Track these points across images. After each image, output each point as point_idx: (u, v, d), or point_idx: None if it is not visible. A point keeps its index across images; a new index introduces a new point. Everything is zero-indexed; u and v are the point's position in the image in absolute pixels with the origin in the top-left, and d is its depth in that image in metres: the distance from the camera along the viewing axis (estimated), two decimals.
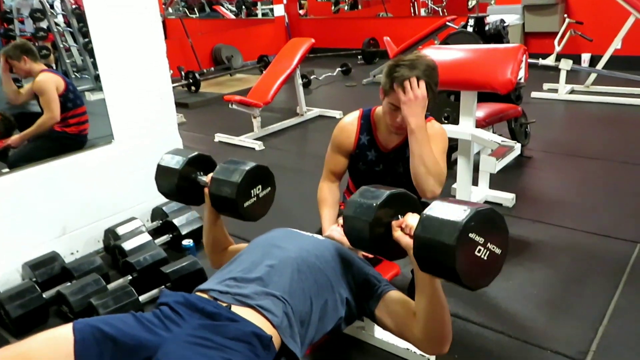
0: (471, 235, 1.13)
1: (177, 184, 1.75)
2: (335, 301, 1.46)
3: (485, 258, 1.16)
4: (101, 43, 2.65)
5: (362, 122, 1.95)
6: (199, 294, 1.41)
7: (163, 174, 1.81)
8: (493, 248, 1.17)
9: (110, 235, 2.72)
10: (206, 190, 1.72)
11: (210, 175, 1.71)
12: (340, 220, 1.78)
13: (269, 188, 1.73)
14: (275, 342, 1.28)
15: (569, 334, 1.96)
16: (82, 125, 2.99)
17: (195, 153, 1.81)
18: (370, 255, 1.73)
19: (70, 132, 2.93)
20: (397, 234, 1.33)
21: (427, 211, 1.20)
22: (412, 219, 1.32)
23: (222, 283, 1.42)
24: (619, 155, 3.67)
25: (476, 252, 1.15)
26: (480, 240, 1.15)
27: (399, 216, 1.36)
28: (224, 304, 1.33)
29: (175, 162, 1.78)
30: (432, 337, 1.38)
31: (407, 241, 1.30)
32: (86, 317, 2.02)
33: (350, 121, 1.98)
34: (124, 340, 1.21)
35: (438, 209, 1.19)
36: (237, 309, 1.32)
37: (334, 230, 1.78)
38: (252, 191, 1.66)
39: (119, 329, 1.22)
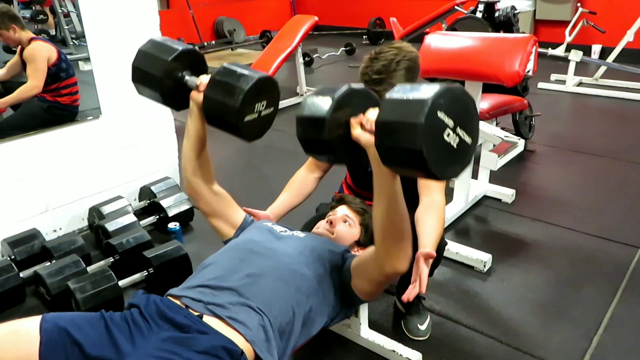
0: (440, 114, 1.00)
1: (162, 78, 1.42)
2: (320, 305, 1.38)
3: (455, 145, 1.04)
4: (89, 9, 2.53)
5: None
6: (170, 298, 1.33)
7: (144, 63, 1.46)
8: (463, 135, 1.05)
9: (95, 213, 2.63)
10: (194, 94, 1.44)
11: (204, 78, 1.43)
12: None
13: (272, 108, 1.45)
14: (249, 355, 1.20)
15: (562, 342, 1.88)
16: (74, 96, 2.90)
17: (189, 47, 1.48)
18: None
19: (62, 102, 2.84)
20: (357, 131, 1.18)
21: (389, 94, 1.06)
22: (373, 114, 1.15)
23: (195, 289, 1.33)
24: (625, 154, 3.56)
25: (445, 136, 1.02)
26: (450, 122, 1.02)
27: (360, 114, 1.20)
28: (196, 313, 1.25)
29: (163, 51, 1.45)
30: (388, 248, 1.28)
31: (367, 138, 1.15)
32: (64, 301, 2.02)
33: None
34: (89, 350, 1.16)
35: (401, 91, 1.05)
36: (208, 320, 1.24)
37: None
38: (256, 105, 1.37)
39: (87, 337, 1.17)
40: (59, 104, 2.82)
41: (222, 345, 1.16)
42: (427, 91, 1.01)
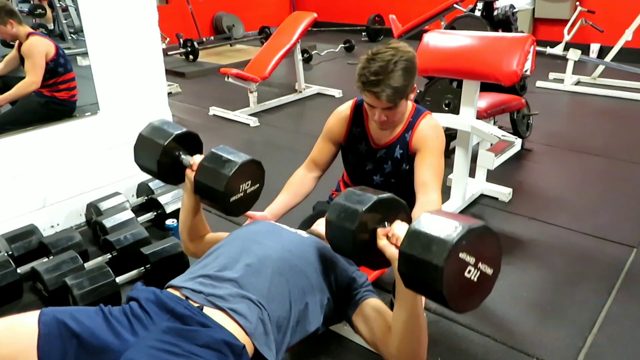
0: (462, 255, 1.03)
1: (159, 160, 1.60)
2: (315, 305, 1.39)
3: (475, 280, 1.07)
4: (88, 4, 2.52)
5: (354, 112, 1.84)
6: (170, 290, 1.33)
7: (144, 146, 1.64)
8: (484, 268, 1.08)
9: (93, 209, 2.63)
10: (189, 172, 1.60)
11: (197, 158, 1.60)
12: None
13: (258, 185, 1.61)
14: (248, 348, 1.21)
15: (557, 341, 1.90)
16: (72, 91, 2.90)
17: (184, 130, 1.66)
18: None
19: (60, 97, 2.84)
20: (383, 243, 1.24)
21: (415, 225, 1.11)
22: (399, 229, 1.22)
23: (195, 280, 1.34)
24: (622, 153, 3.57)
25: (466, 273, 1.05)
26: (471, 260, 1.05)
27: (386, 223, 1.27)
28: (196, 305, 1.25)
29: (160, 135, 1.61)
30: (404, 353, 1.30)
31: (392, 252, 1.21)
32: (61, 296, 2.02)
33: (343, 110, 1.87)
34: (88, 340, 1.16)
35: (427, 224, 1.09)
36: (209, 311, 1.24)
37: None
38: (241, 186, 1.54)
39: (85, 327, 1.17)
40: (56, 99, 2.82)
41: (224, 339, 1.17)
42: (450, 231, 1.03)
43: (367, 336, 1.41)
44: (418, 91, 3.46)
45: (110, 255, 2.32)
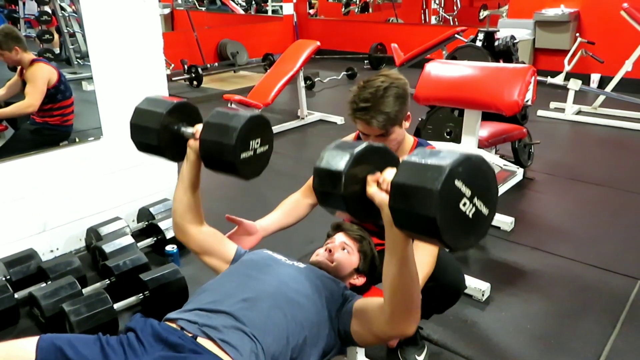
0: (457, 183, 0.98)
1: (160, 129, 1.46)
2: (314, 338, 1.36)
3: (471, 216, 1.01)
4: (94, 30, 2.56)
5: None
6: (167, 323, 1.32)
7: (142, 118, 1.51)
8: (480, 205, 1.02)
9: (93, 234, 2.62)
10: (191, 142, 1.48)
11: (199, 125, 1.47)
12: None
13: (267, 146, 1.49)
14: None
15: None
16: (65, 117, 2.88)
17: (183, 100, 1.55)
18: (359, 283, 1.63)
19: (51, 123, 2.83)
20: (372, 189, 1.16)
21: (408, 157, 1.04)
22: (390, 173, 1.14)
23: (191, 312, 1.33)
24: (624, 183, 3.56)
25: (461, 206, 0.99)
26: (467, 192, 0.99)
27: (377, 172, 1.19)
28: (190, 335, 1.25)
29: (158, 106, 1.50)
30: (397, 312, 1.24)
31: (381, 197, 1.13)
32: (58, 323, 2.00)
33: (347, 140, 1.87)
34: None
35: (420, 155, 1.03)
36: (202, 341, 1.23)
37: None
38: (251, 142, 1.42)
39: (81, 355, 1.18)
40: (48, 125, 2.82)
41: None
42: (446, 158, 0.99)
43: (367, 333, 1.36)
44: (420, 119, 3.49)
45: (108, 281, 2.30)
